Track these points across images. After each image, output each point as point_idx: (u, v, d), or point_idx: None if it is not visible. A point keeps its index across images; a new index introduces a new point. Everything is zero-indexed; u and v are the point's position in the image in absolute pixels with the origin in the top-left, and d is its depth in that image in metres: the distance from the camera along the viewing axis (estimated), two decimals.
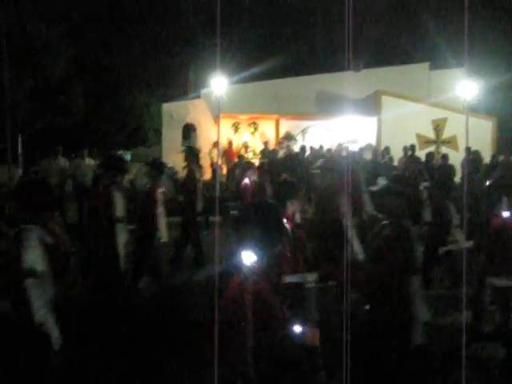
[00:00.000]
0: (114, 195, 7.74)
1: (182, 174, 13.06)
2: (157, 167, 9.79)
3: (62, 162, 16.05)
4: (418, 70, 24.87)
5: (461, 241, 9.06)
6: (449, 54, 26.27)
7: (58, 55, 25.48)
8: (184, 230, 10.79)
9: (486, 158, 18.01)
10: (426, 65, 25.23)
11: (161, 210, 8.97)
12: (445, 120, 21.73)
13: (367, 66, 24.42)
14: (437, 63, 25.75)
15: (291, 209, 5.93)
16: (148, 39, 30.64)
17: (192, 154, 11.71)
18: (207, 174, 18.87)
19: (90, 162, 16.08)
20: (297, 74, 25.11)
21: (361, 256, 7.22)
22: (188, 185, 10.95)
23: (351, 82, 22.50)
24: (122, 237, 7.69)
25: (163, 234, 8.98)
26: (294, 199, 5.96)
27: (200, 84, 24.16)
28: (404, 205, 5.68)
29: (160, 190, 9.20)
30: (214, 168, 17.18)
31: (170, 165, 16.92)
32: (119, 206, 7.74)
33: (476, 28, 26.71)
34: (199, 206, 10.81)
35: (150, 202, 9.02)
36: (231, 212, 10.91)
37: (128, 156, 29.36)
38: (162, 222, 8.99)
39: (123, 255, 7.71)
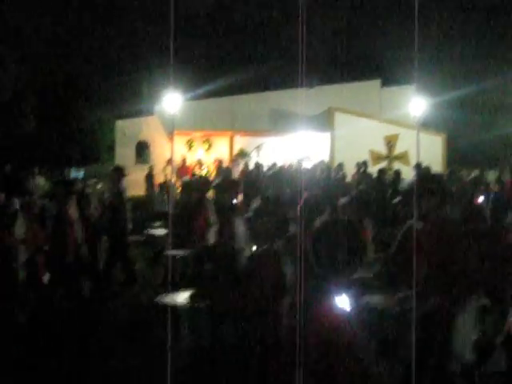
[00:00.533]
0: (17, 216, 7.70)
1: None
2: (64, 187, 9.29)
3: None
4: (370, 87, 25.26)
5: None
6: (399, 71, 26.83)
7: (9, 68, 25.05)
8: (110, 250, 10.49)
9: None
10: (378, 82, 25.63)
11: (76, 229, 8.70)
12: (396, 136, 22.09)
13: (320, 82, 24.68)
14: (388, 80, 26.24)
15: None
16: (101, 55, 30.39)
17: (117, 174, 11.28)
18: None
19: (40, 180, 15.79)
20: (251, 90, 25.20)
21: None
22: (114, 204, 10.66)
23: (304, 98, 22.67)
24: (21, 258, 7.70)
25: (81, 253, 8.74)
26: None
27: (154, 101, 24.03)
28: (277, 226, 5.52)
29: (72, 210, 8.82)
30: (168, 185, 17.03)
31: (99, 184, 16.58)
32: (18, 227, 7.69)
33: (426, 47, 27.36)
34: (127, 225, 10.54)
35: (62, 223, 8.63)
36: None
37: (81, 174, 28.88)
38: (78, 241, 8.74)
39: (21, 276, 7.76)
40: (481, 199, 10.33)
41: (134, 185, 20.27)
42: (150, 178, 20.34)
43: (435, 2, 30.52)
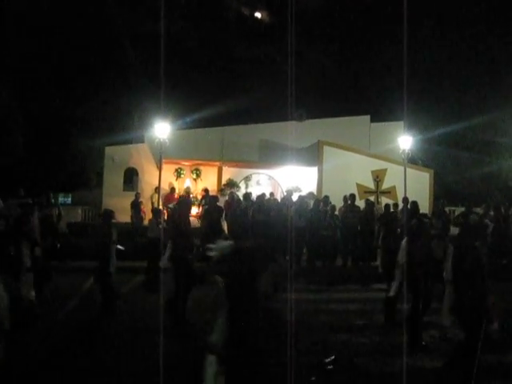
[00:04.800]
0: None
1: None
2: None
3: None
4: (360, 122, 25.48)
5: None
6: (388, 108, 27.19)
7: None
8: None
9: (424, 207, 18.54)
10: (367, 117, 25.87)
11: None
12: (384, 171, 22.22)
13: (310, 116, 24.89)
14: (377, 116, 26.50)
15: None
16: (92, 82, 30.52)
17: None
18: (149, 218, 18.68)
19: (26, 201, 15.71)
20: (241, 122, 25.35)
21: None
22: None
23: (294, 131, 22.85)
24: None
25: None
26: None
27: (144, 129, 24.11)
28: None
29: None
30: (155, 209, 16.86)
31: None
32: None
33: (415, 85, 27.78)
34: None
35: None
36: None
37: (68, 199, 28.77)
38: None
39: None
40: None
41: (122, 211, 20.29)
42: (136, 204, 20.29)
43: (424, 39, 31.04)
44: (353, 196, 17.76)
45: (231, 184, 22.56)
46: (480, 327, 6.43)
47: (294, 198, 18.47)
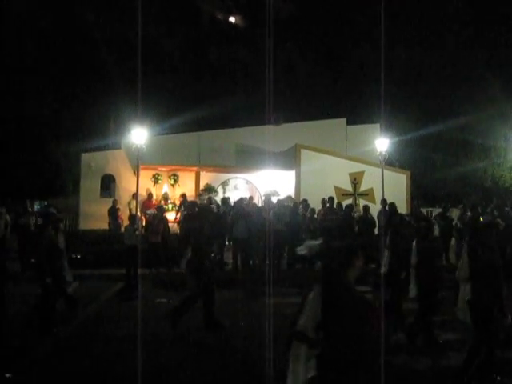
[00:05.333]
0: None
1: None
2: None
3: None
4: (336, 125, 25.60)
5: None
6: (365, 111, 27.33)
7: None
8: None
9: (402, 209, 18.66)
10: (344, 120, 25.99)
11: None
12: (362, 173, 22.33)
13: (287, 120, 24.92)
14: (353, 119, 26.63)
15: None
16: (68, 88, 30.29)
17: None
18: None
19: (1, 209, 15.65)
20: (218, 127, 25.30)
21: None
22: None
23: (271, 135, 22.86)
24: None
25: None
26: None
27: (121, 135, 23.94)
28: None
29: None
30: (132, 216, 16.63)
31: None
32: None
33: (391, 88, 27.98)
34: None
35: None
36: None
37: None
38: None
39: None
40: None
41: (99, 218, 20.14)
42: (113, 211, 20.11)
43: (400, 42, 31.30)
44: (331, 199, 17.83)
45: (209, 189, 22.48)
46: (491, 325, 6.56)
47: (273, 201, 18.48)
